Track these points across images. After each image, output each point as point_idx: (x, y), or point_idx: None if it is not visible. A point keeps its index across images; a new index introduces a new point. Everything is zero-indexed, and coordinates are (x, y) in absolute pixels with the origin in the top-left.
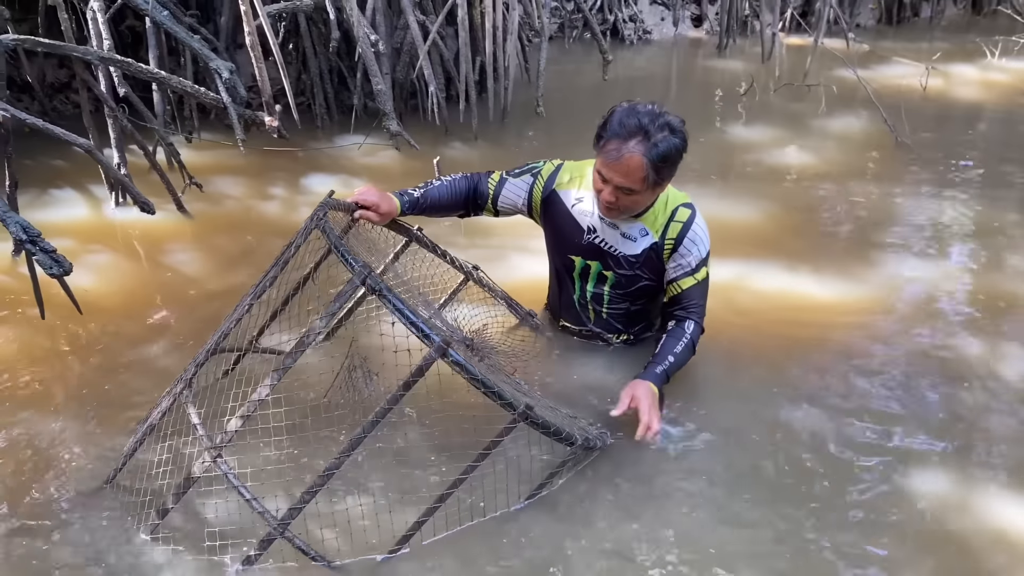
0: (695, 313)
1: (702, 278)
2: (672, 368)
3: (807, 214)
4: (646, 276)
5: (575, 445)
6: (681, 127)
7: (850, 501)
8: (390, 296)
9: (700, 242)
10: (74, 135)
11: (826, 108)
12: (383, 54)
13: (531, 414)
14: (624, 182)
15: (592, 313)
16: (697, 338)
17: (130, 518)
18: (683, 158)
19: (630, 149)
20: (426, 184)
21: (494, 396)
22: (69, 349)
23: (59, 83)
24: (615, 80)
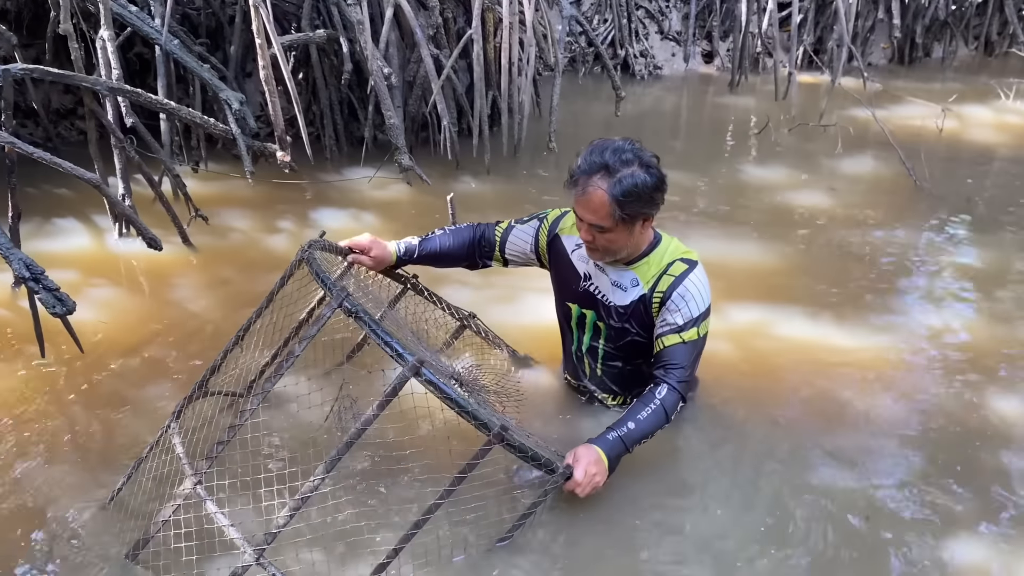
0: (673, 376)
1: (690, 339)
2: (632, 435)
3: (826, 258)
4: (635, 330)
5: (556, 472)
6: (652, 162)
7: (862, 567)
8: (366, 318)
9: (692, 300)
10: (81, 169)
11: (842, 149)
12: (396, 87)
13: (507, 435)
14: (593, 219)
15: (588, 368)
16: (672, 405)
17: (120, 544)
18: (659, 195)
19: (594, 185)
20: (429, 233)
21: (468, 416)
22: (69, 387)
23: (64, 109)
24: (626, 115)
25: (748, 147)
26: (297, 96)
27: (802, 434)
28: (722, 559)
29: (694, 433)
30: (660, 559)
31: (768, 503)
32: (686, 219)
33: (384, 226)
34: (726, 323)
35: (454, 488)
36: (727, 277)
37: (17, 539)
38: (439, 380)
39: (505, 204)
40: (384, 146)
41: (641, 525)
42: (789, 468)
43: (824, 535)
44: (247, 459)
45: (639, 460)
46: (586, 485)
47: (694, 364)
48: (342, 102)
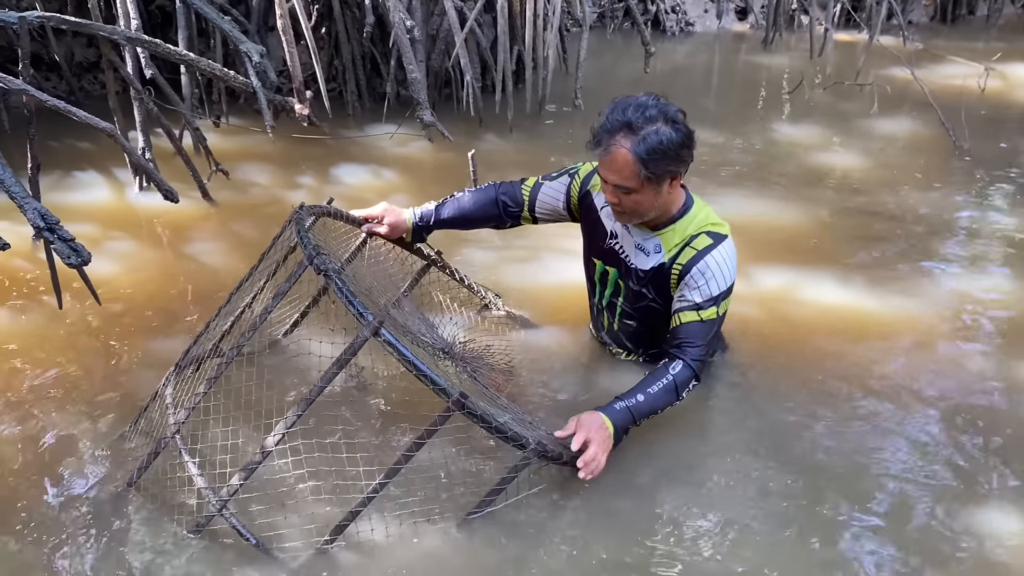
0: (689, 353)
1: (708, 317)
2: (641, 408)
3: (859, 220)
4: (651, 297)
5: (526, 448)
6: (677, 117)
7: (891, 537)
8: (335, 279)
9: (713, 278)
10: (96, 119)
11: (878, 108)
12: (418, 41)
13: (466, 403)
14: (617, 180)
15: (606, 322)
16: (684, 382)
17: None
18: (687, 152)
19: (617, 144)
20: (448, 197)
21: (426, 380)
22: (86, 338)
23: (87, 62)
24: (655, 72)
25: (781, 106)
26: (317, 49)
27: (830, 400)
28: (740, 523)
29: (720, 396)
30: (675, 519)
31: (792, 469)
32: (715, 179)
33: (405, 183)
34: (754, 287)
35: (412, 454)
36: (756, 239)
37: (29, 478)
38: (398, 342)
39: (528, 162)
40: (406, 102)
41: (658, 483)
42: (815, 434)
43: (848, 502)
44: (231, 412)
45: (662, 420)
46: (592, 460)
47: (712, 342)
48: (364, 57)
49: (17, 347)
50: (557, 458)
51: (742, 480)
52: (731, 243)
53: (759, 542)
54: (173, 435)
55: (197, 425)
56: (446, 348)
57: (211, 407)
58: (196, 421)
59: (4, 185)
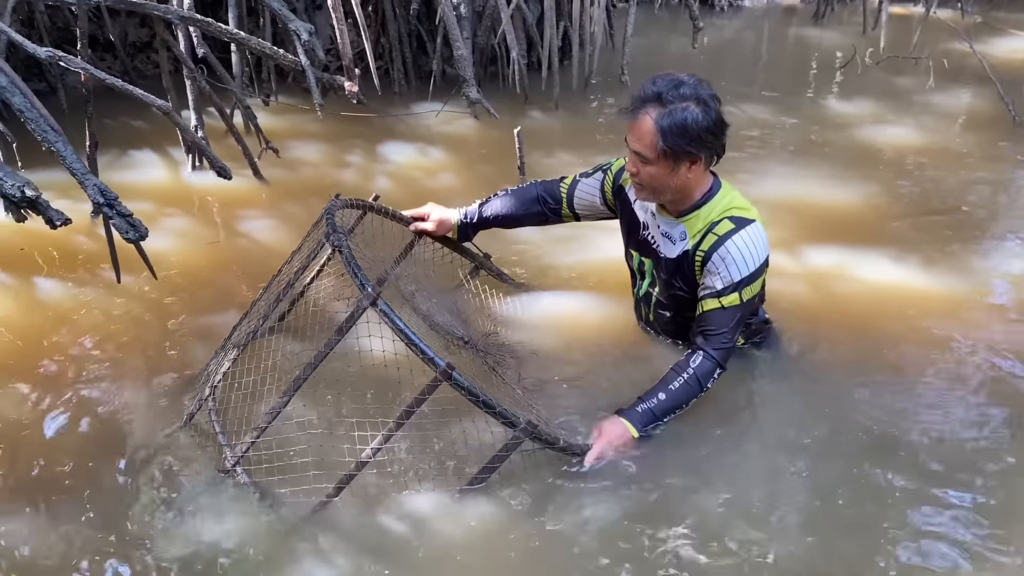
0: (711, 343)
1: (730, 304)
2: (663, 405)
3: (913, 198)
4: (678, 285)
5: (517, 428)
6: (710, 101)
7: (932, 519)
8: (347, 252)
9: (734, 263)
10: (152, 96)
11: (934, 83)
12: (464, 18)
13: (453, 374)
14: (638, 146)
15: (643, 312)
16: (706, 374)
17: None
18: (711, 137)
19: (645, 111)
20: (490, 196)
21: (417, 350)
22: (142, 313)
23: (140, 42)
24: (703, 48)
25: (832, 81)
26: (366, 27)
27: (883, 383)
28: (786, 504)
29: (767, 378)
30: (718, 495)
31: (840, 451)
32: (765, 155)
33: (451, 160)
34: (804, 265)
35: (403, 422)
36: (806, 216)
37: (79, 444)
38: (393, 312)
39: (573, 139)
40: (452, 80)
41: (703, 461)
42: (865, 418)
43: (892, 486)
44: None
45: (708, 400)
46: (591, 459)
47: (735, 329)
48: (411, 35)
49: (76, 318)
50: (552, 443)
51: (781, 460)
52: (757, 227)
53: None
54: (208, 397)
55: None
56: (468, 340)
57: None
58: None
59: (66, 162)
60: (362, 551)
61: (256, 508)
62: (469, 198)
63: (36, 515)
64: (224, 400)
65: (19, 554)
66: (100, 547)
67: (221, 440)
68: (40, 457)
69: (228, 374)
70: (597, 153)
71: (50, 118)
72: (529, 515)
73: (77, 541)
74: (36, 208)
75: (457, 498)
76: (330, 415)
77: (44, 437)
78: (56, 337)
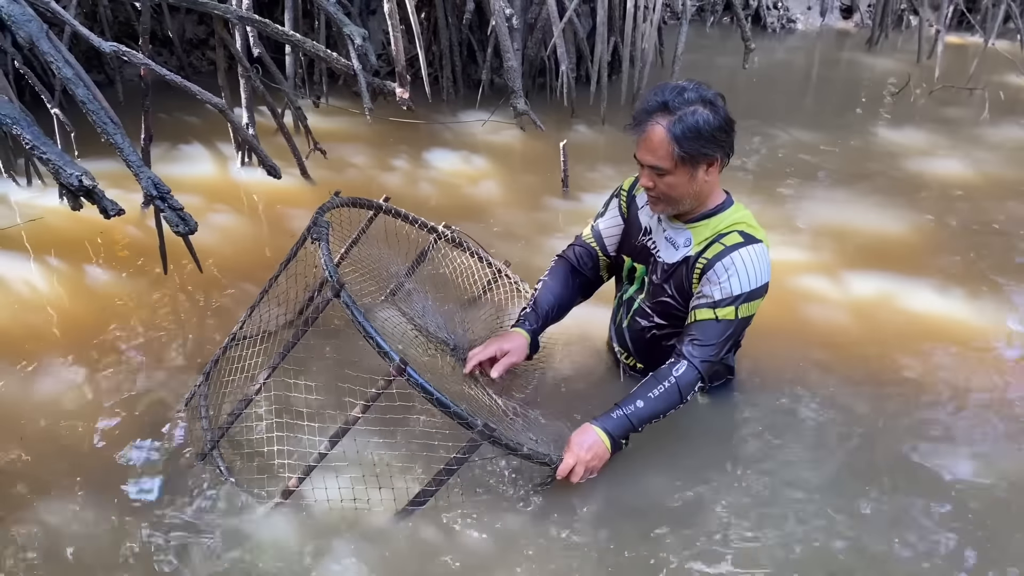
0: (696, 354)
1: (724, 317)
2: (641, 414)
3: (961, 231)
4: (670, 292)
5: (474, 429)
6: (716, 101)
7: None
8: (324, 242)
9: (736, 276)
10: (210, 94)
11: (988, 115)
12: (516, 29)
13: (407, 370)
14: (652, 160)
15: (619, 317)
16: (688, 385)
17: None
18: (724, 136)
19: (653, 122)
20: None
21: (372, 343)
22: (185, 305)
23: (197, 39)
24: (753, 69)
25: (883, 109)
26: (419, 34)
27: (923, 418)
28: (818, 537)
29: (802, 406)
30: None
31: (873, 485)
32: (811, 179)
33: (494, 170)
34: (846, 292)
35: (359, 416)
36: (850, 242)
37: (124, 428)
38: (354, 306)
39: (617, 155)
40: (500, 91)
41: (739, 487)
42: (898, 453)
43: (921, 525)
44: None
45: (739, 424)
46: (577, 473)
47: (724, 345)
48: (462, 43)
49: (122, 307)
50: (515, 448)
51: (805, 488)
52: (764, 249)
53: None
54: (200, 383)
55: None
56: (455, 346)
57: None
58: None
59: (123, 153)
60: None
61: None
62: (510, 208)
63: (63, 495)
64: (220, 387)
65: (66, 534)
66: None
67: (204, 426)
68: (72, 434)
69: (228, 360)
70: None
71: (110, 110)
72: (535, 521)
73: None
74: (92, 197)
75: (400, 515)
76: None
77: (78, 416)
78: (100, 323)
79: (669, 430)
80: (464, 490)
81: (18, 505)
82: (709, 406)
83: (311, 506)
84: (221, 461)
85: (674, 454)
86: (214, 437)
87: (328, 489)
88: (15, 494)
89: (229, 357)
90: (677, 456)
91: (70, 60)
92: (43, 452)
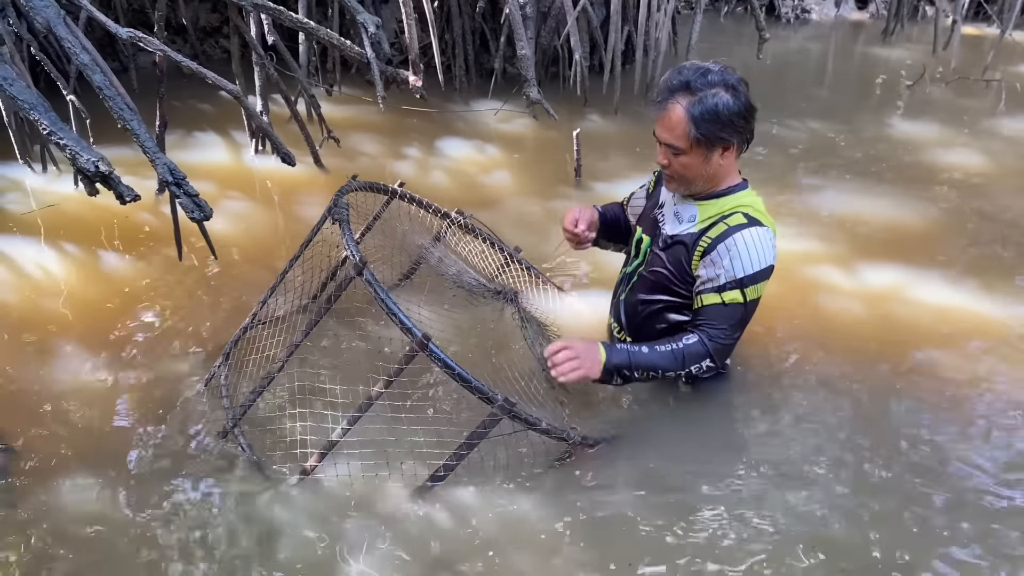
0: (708, 332)
1: (731, 300)
2: (640, 358)
3: (976, 222)
4: (666, 268)
5: (494, 404)
6: (738, 86)
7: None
8: (345, 222)
9: (739, 257)
10: (225, 81)
11: (1005, 107)
12: (529, 18)
13: (429, 345)
14: (669, 138)
15: (619, 288)
16: (694, 356)
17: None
18: (742, 122)
19: (674, 101)
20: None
21: (394, 319)
22: (199, 290)
23: (210, 27)
24: (767, 59)
25: (898, 100)
26: (433, 22)
27: (933, 408)
28: (829, 529)
29: (809, 393)
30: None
31: (880, 476)
32: (824, 169)
33: (507, 159)
34: (858, 283)
35: (382, 391)
36: (863, 233)
37: (142, 409)
38: (376, 282)
39: (630, 144)
40: (512, 80)
41: (736, 476)
42: (906, 443)
43: (938, 517)
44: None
45: (749, 410)
46: (562, 357)
47: (737, 328)
48: (475, 32)
49: (137, 292)
50: (534, 423)
51: (818, 481)
52: (768, 232)
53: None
54: (220, 364)
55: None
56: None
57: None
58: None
59: (139, 140)
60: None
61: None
62: (523, 196)
63: (77, 472)
64: (240, 367)
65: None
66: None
67: (225, 404)
68: (91, 415)
69: (248, 340)
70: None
71: (127, 97)
72: (551, 506)
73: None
74: (108, 183)
75: (423, 490)
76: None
77: (95, 399)
78: (116, 308)
79: (680, 414)
80: (483, 467)
81: (39, 485)
82: (708, 397)
83: (331, 482)
84: (243, 438)
85: (686, 438)
86: (236, 415)
87: (350, 465)
88: (35, 474)
89: (248, 338)
90: (688, 438)
91: (87, 46)
92: (63, 433)
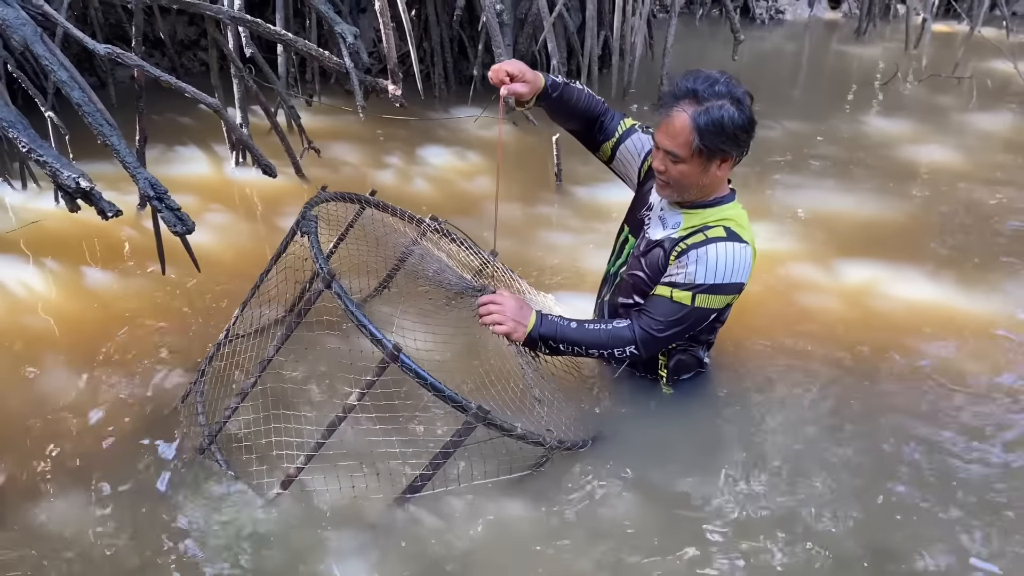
0: (641, 320)
1: (678, 299)
2: (567, 332)
3: (952, 217)
4: (643, 271)
5: (468, 412)
6: (744, 99)
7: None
8: (313, 235)
9: (704, 265)
10: (204, 94)
11: (976, 103)
12: (507, 24)
13: (400, 356)
14: (671, 145)
15: (602, 289)
16: (620, 340)
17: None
18: (745, 136)
19: (680, 108)
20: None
21: (365, 331)
22: (183, 304)
23: (188, 40)
24: (743, 61)
25: (872, 98)
26: (411, 31)
27: (912, 400)
28: (800, 522)
29: (791, 389)
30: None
31: (866, 469)
32: (802, 170)
33: (488, 165)
34: (836, 279)
35: (355, 404)
36: (841, 231)
37: (124, 427)
38: (346, 295)
39: None
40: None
41: (723, 471)
42: (887, 435)
43: (920, 508)
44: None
45: (729, 409)
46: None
47: (670, 327)
48: (452, 40)
49: (122, 308)
50: (509, 430)
51: (798, 478)
52: (746, 250)
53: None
54: (196, 380)
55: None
56: (482, 288)
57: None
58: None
59: (119, 155)
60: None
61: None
62: (504, 203)
63: (67, 491)
64: (216, 383)
65: (66, 532)
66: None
67: (201, 421)
68: (73, 433)
69: (222, 356)
70: None
71: (106, 112)
72: (546, 512)
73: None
74: (90, 199)
75: (399, 501)
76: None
77: (80, 416)
78: (100, 324)
79: (661, 413)
80: (461, 474)
81: (21, 504)
82: (689, 396)
83: (310, 495)
84: (220, 454)
85: (667, 438)
86: (212, 431)
87: (327, 478)
88: (18, 493)
89: (223, 354)
90: (669, 438)
91: (65, 63)
92: (45, 452)
